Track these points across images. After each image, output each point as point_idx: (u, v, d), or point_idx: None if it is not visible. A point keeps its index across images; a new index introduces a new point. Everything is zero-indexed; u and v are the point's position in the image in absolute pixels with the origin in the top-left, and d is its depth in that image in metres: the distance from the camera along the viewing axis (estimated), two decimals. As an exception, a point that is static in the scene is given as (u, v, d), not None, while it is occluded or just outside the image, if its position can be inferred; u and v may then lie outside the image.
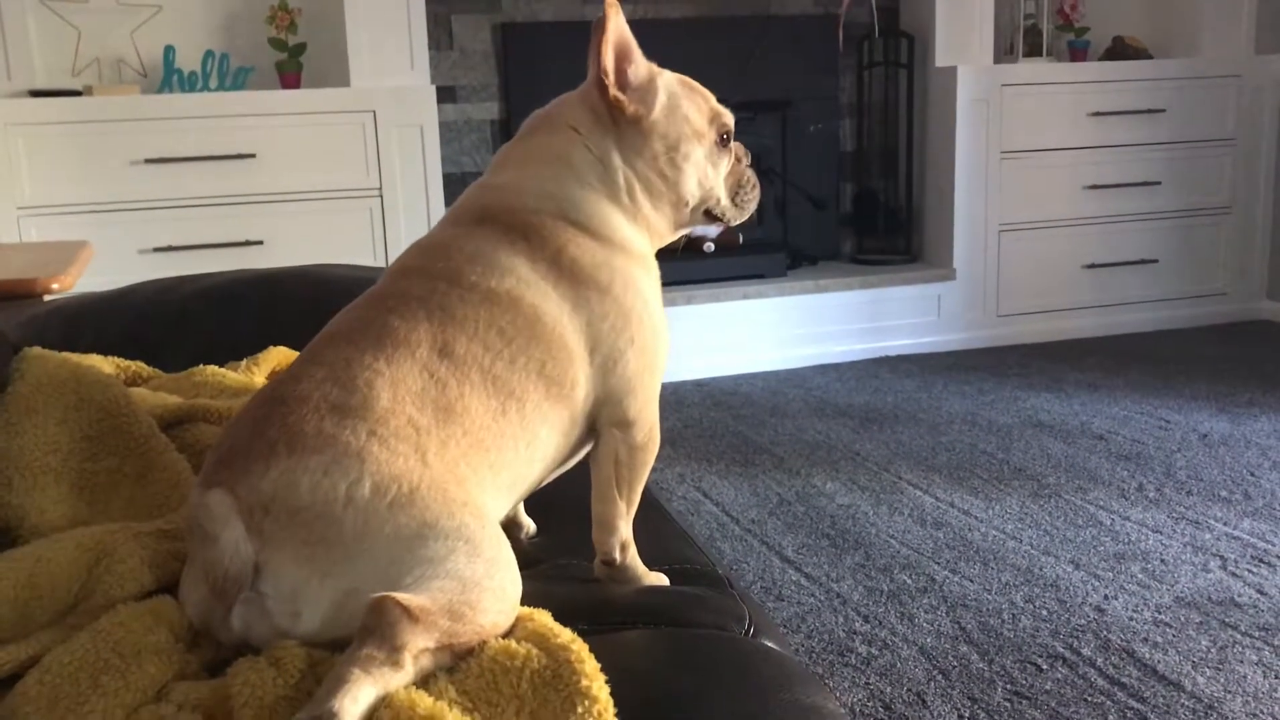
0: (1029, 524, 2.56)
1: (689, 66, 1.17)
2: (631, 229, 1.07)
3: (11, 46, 3.50)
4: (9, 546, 1.00)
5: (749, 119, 4.23)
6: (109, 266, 3.06)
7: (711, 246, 4.06)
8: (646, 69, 1.09)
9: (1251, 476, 2.83)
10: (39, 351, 1.24)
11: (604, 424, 1.04)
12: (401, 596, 0.79)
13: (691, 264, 4.03)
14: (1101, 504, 2.67)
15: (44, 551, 0.95)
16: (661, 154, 1.08)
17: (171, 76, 3.59)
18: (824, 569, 2.37)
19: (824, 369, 4.08)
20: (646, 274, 1.07)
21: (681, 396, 3.73)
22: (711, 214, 1.15)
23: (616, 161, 1.07)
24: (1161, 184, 4.47)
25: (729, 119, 1.14)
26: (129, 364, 1.41)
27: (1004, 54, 4.51)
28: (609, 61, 1.05)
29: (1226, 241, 4.62)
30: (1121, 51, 4.54)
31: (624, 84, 1.07)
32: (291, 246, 3.49)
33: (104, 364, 1.35)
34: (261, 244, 3.49)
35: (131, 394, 1.23)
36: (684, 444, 3.24)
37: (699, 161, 1.11)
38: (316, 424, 0.87)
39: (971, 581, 2.28)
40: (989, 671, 1.93)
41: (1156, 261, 4.52)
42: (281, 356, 1.48)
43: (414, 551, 0.83)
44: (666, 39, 4.02)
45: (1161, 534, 2.49)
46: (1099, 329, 4.47)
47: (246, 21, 3.77)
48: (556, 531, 1.21)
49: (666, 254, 1.18)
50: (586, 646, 0.82)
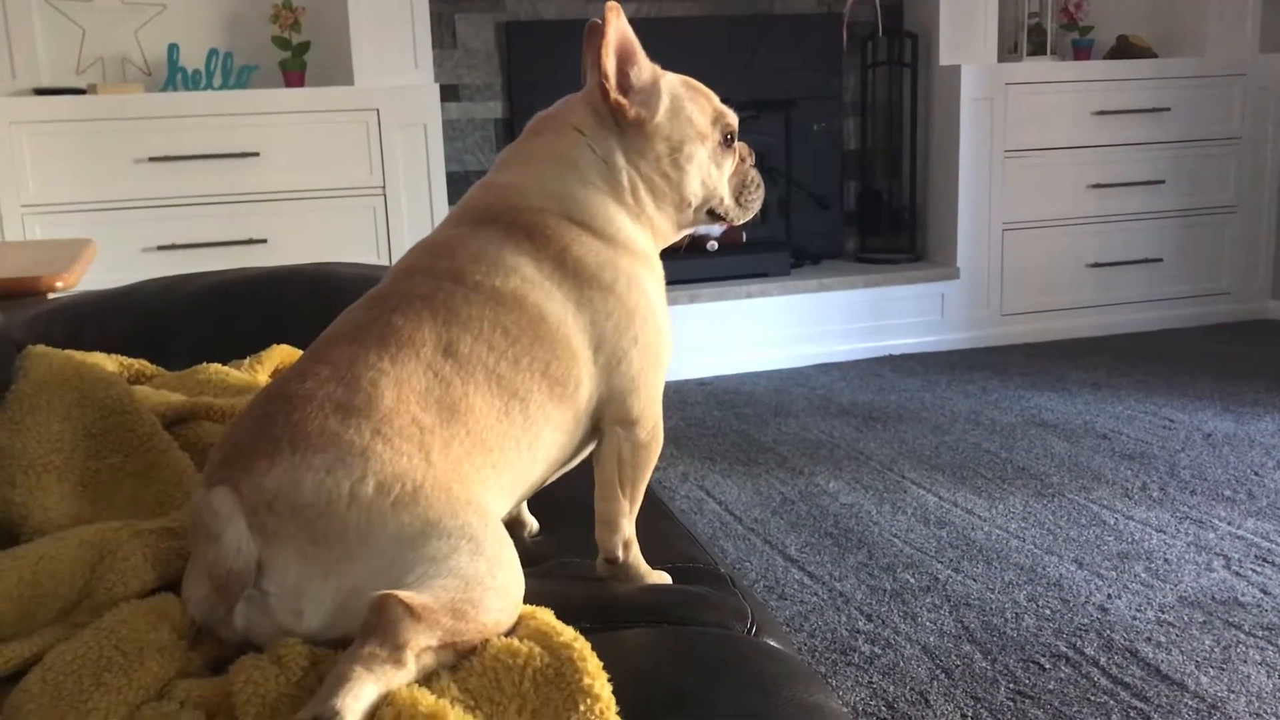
0: (1032, 523, 2.56)
1: (692, 65, 1.17)
2: (635, 228, 1.07)
3: (16, 45, 3.51)
4: (12, 544, 1.00)
5: (753, 118, 4.23)
6: (113, 265, 3.06)
7: (715, 245, 4.06)
8: (650, 71, 1.09)
9: (1256, 476, 2.82)
10: (42, 349, 1.24)
11: (608, 422, 1.04)
12: (404, 594, 0.79)
13: (695, 262, 4.03)
14: (1105, 503, 2.67)
15: (47, 549, 0.95)
16: (665, 155, 1.08)
17: (175, 75, 3.59)
18: (827, 568, 2.37)
19: (827, 368, 4.08)
20: (650, 273, 1.07)
21: (685, 395, 3.73)
22: (715, 214, 1.15)
23: (620, 162, 1.07)
24: (1166, 183, 4.46)
25: (733, 119, 1.14)
26: (132, 362, 1.41)
27: (1008, 53, 4.50)
28: (610, 65, 1.05)
29: (1231, 241, 4.61)
30: (1126, 50, 4.53)
31: (626, 87, 1.07)
32: (295, 245, 3.49)
33: (107, 362, 1.36)
34: (265, 242, 3.49)
35: (134, 392, 1.23)
36: (687, 443, 3.24)
37: (702, 162, 1.11)
38: (320, 422, 0.87)
39: (975, 580, 2.28)
40: (992, 670, 1.92)
41: (1161, 261, 4.51)
42: (284, 355, 1.48)
43: (417, 550, 0.83)
44: (670, 38, 4.02)
45: (1165, 533, 2.48)
46: (1103, 328, 4.47)
47: (250, 20, 3.77)
48: (559, 530, 1.21)
49: (670, 253, 1.18)
50: (589, 645, 0.82)
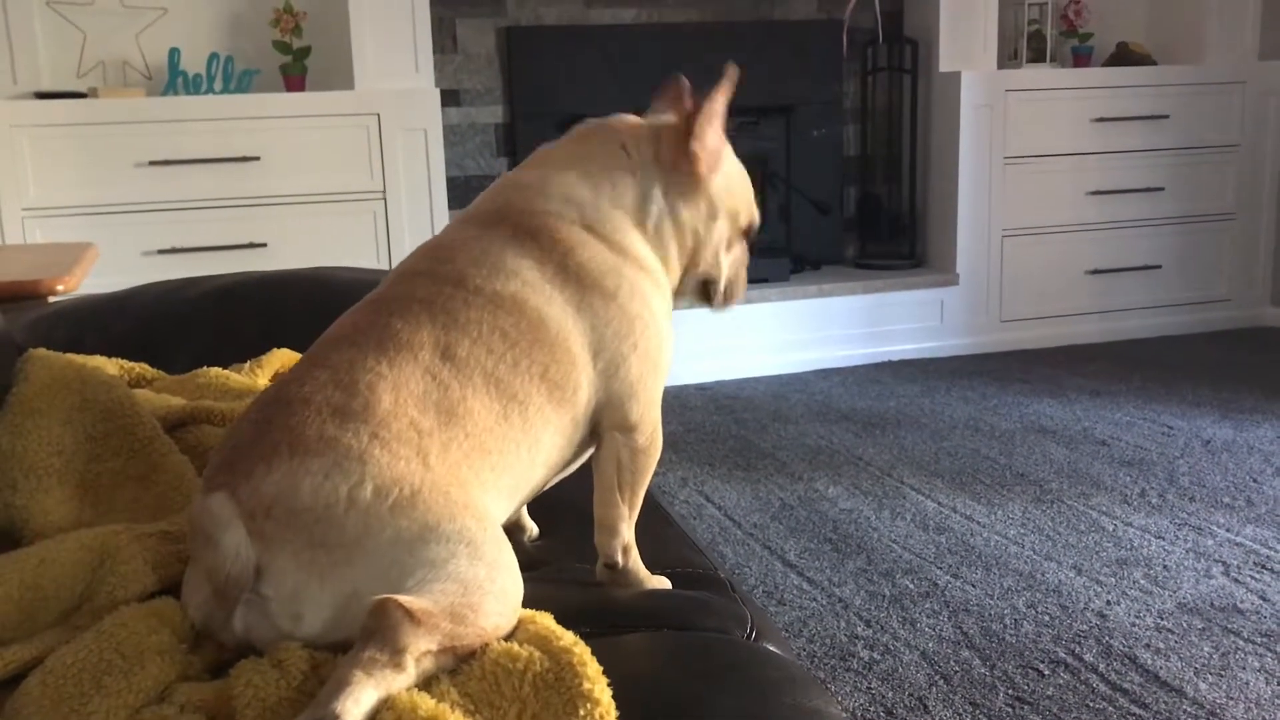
0: (1031, 529, 2.56)
1: (693, 71, 1.17)
2: (647, 249, 1.09)
3: (17, 48, 3.51)
4: (13, 547, 1.00)
5: (753, 123, 4.23)
6: (113, 268, 3.07)
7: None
8: (720, 139, 1.13)
9: (1254, 483, 2.82)
10: (43, 353, 1.24)
11: (607, 428, 1.04)
12: (403, 599, 0.79)
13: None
14: (1104, 509, 2.67)
15: (47, 553, 0.95)
16: (704, 214, 1.12)
17: (176, 79, 3.60)
18: (826, 573, 2.37)
19: (827, 373, 4.08)
20: (656, 288, 1.08)
21: (684, 400, 3.73)
22: (706, 292, 1.19)
23: (658, 199, 1.09)
24: (1165, 190, 4.46)
25: (757, 218, 1.20)
26: (133, 366, 1.41)
27: (1008, 59, 4.51)
28: (715, 118, 1.08)
29: (1230, 248, 4.62)
30: (1125, 57, 4.53)
31: (702, 142, 1.10)
32: (295, 249, 3.49)
33: (108, 365, 1.36)
34: (265, 246, 3.50)
35: (135, 396, 1.23)
36: (686, 448, 3.24)
37: (724, 237, 1.16)
38: (318, 427, 0.87)
39: (974, 586, 2.28)
40: (991, 677, 1.92)
41: (1160, 267, 4.52)
42: (285, 359, 1.48)
43: (415, 554, 0.83)
44: (670, 43, 4.03)
45: (1164, 540, 2.48)
46: (1102, 335, 4.47)
47: (251, 24, 3.78)
48: (559, 534, 1.22)
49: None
50: (589, 649, 0.82)
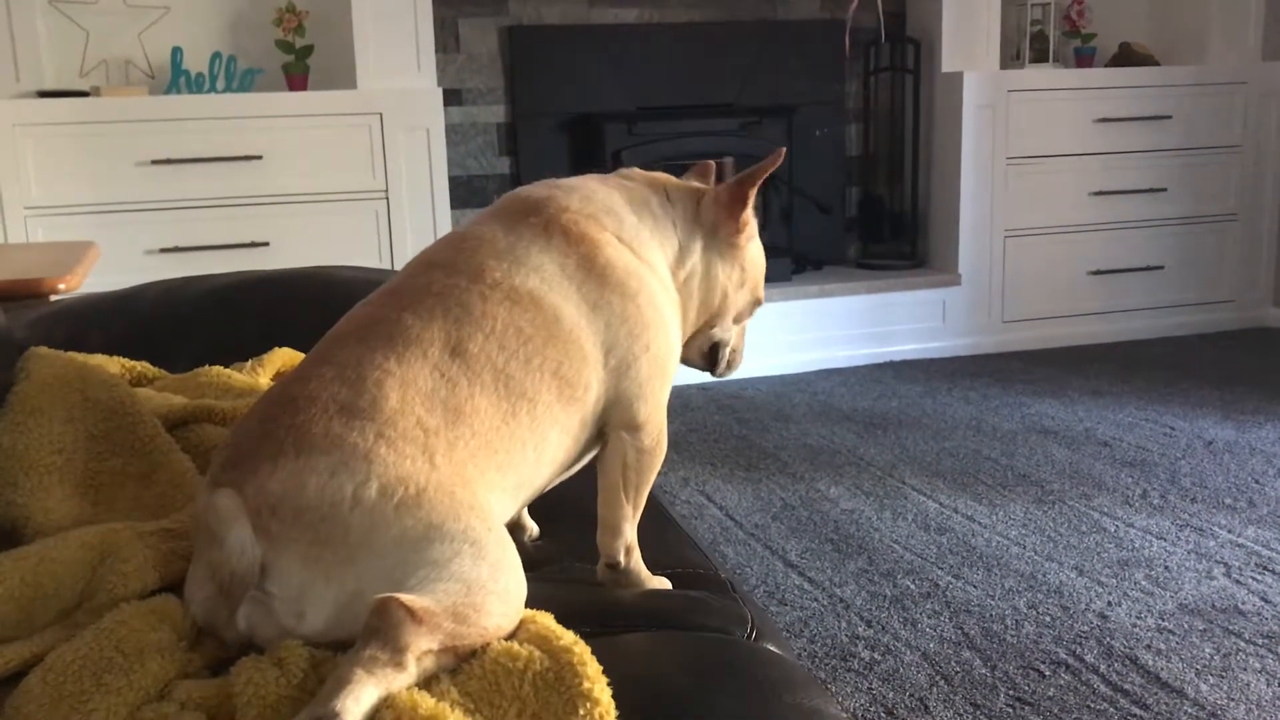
0: (1033, 530, 2.56)
1: (696, 71, 1.18)
2: (670, 282, 1.12)
3: (20, 47, 3.51)
4: (14, 546, 1.00)
5: (755, 123, 4.23)
6: (115, 267, 3.07)
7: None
8: (751, 212, 1.17)
9: (1256, 484, 2.82)
10: (45, 351, 1.24)
11: (613, 427, 1.05)
12: (405, 598, 0.79)
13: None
14: (1106, 510, 2.67)
15: (48, 551, 0.95)
16: (735, 278, 1.18)
17: (179, 78, 3.60)
18: (827, 574, 2.37)
19: (828, 374, 4.08)
20: (672, 307, 1.10)
21: (686, 400, 3.73)
22: (711, 357, 1.24)
23: (697, 252, 1.14)
24: (1168, 190, 4.46)
25: (762, 296, 1.25)
26: (134, 364, 1.42)
27: (1010, 60, 4.51)
28: (756, 188, 1.15)
29: (1233, 248, 4.61)
30: (1128, 58, 4.53)
31: (748, 208, 1.16)
32: (297, 248, 3.49)
33: (109, 364, 1.36)
34: (267, 245, 3.50)
35: (137, 394, 1.23)
36: (688, 448, 3.24)
37: (744, 305, 1.22)
38: (325, 425, 0.87)
39: (975, 587, 2.27)
40: (992, 677, 1.92)
41: (1162, 268, 4.51)
42: (286, 358, 1.48)
43: (419, 553, 0.83)
44: (673, 43, 4.02)
45: (1166, 541, 2.48)
46: (1104, 335, 4.47)
47: (254, 24, 3.78)
48: (560, 534, 1.22)
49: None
50: (589, 649, 0.82)
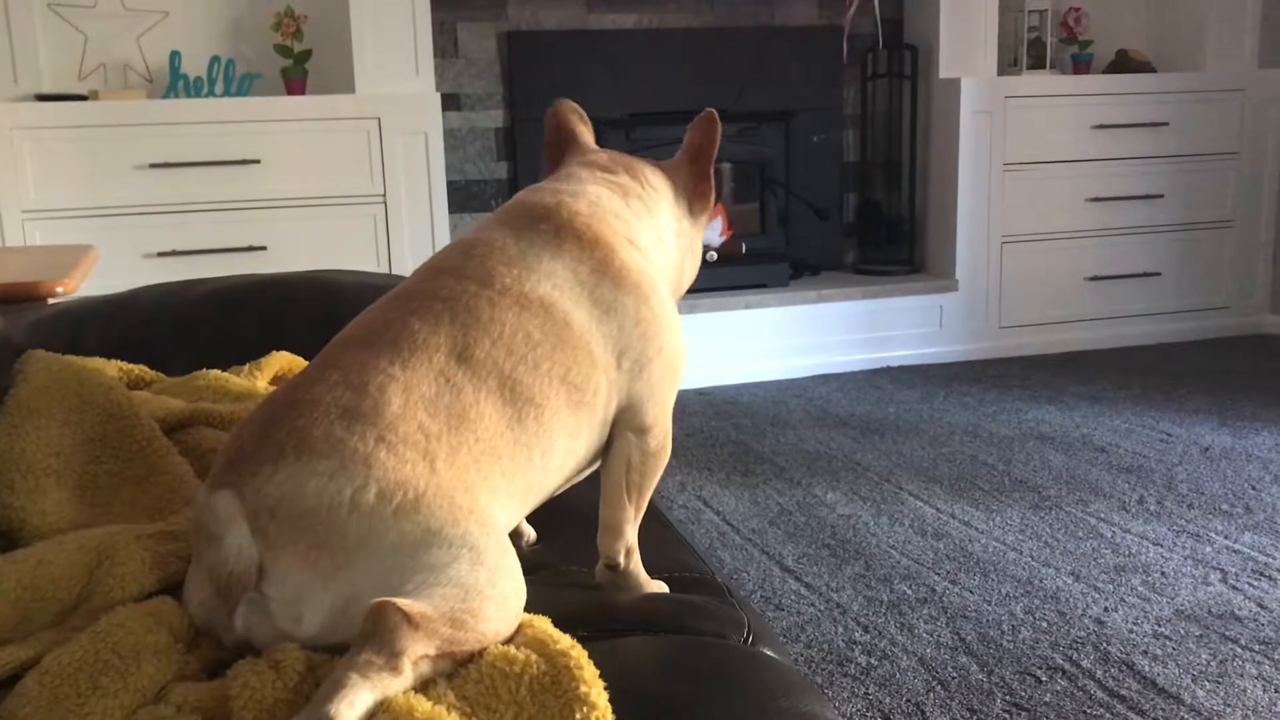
0: (1029, 535, 2.56)
1: (694, 77, 1.18)
2: (664, 264, 1.19)
3: (19, 51, 3.52)
4: (11, 548, 1.00)
5: (753, 129, 4.23)
6: (113, 270, 3.07)
7: (714, 256, 4.05)
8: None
9: (1253, 490, 2.82)
10: (42, 354, 1.24)
11: (619, 429, 1.05)
12: (402, 602, 0.79)
13: (694, 273, 4.02)
14: (1102, 516, 2.67)
15: (45, 554, 0.95)
16: (697, 249, 1.25)
17: (177, 82, 3.60)
18: (824, 579, 2.37)
19: (825, 379, 4.08)
20: (677, 311, 1.16)
21: (683, 405, 3.73)
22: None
23: (686, 231, 1.22)
24: (1164, 197, 4.47)
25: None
26: (132, 368, 1.42)
27: (1008, 66, 4.52)
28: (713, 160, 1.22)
29: (1229, 255, 4.62)
30: (1125, 64, 4.54)
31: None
32: (295, 252, 3.49)
33: (107, 367, 1.36)
34: (265, 250, 3.50)
35: (134, 397, 1.23)
36: (685, 453, 3.24)
37: (693, 277, 1.29)
38: (325, 428, 0.87)
39: (971, 593, 2.28)
40: (988, 683, 1.92)
41: (1159, 275, 4.52)
42: (284, 362, 1.48)
43: (417, 558, 0.83)
44: (671, 49, 4.03)
45: (1162, 547, 2.48)
46: (1101, 341, 4.47)
47: (252, 28, 3.78)
48: (556, 538, 1.22)
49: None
50: (585, 653, 0.82)
